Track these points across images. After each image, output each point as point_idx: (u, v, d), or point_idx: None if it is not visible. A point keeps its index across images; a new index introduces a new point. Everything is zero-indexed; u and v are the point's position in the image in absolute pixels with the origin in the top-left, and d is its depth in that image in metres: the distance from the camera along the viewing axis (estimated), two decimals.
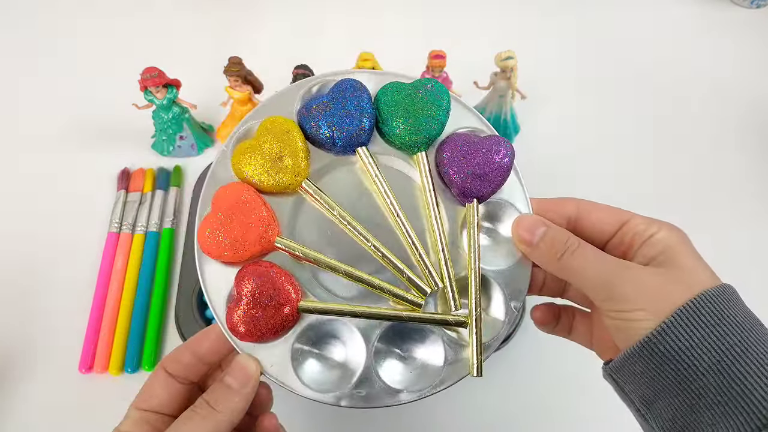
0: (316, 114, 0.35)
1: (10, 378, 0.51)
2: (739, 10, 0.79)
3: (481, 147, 0.35)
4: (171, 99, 0.58)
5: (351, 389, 0.33)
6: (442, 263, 0.34)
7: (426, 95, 0.35)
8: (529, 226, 0.33)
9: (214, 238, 0.33)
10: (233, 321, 0.32)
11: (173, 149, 0.63)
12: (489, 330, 0.34)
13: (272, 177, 0.34)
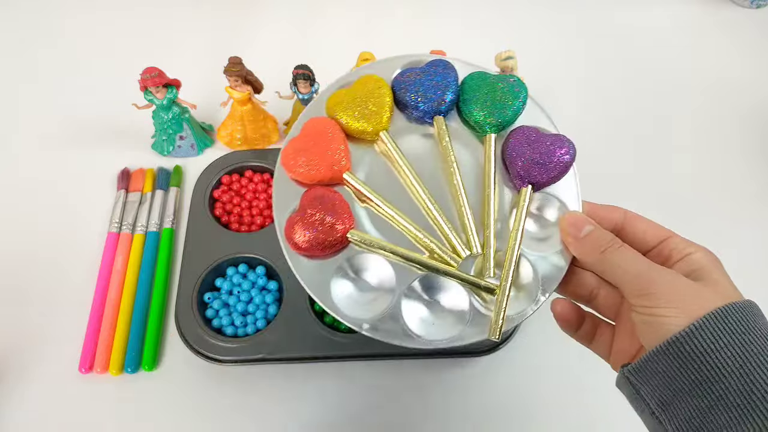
0: (408, 80, 0.40)
1: (10, 378, 0.51)
2: (740, 10, 0.79)
3: (547, 140, 0.38)
4: (171, 99, 0.58)
5: (374, 320, 0.35)
6: (486, 234, 0.37)
7: (506, 87, 0.40)
8: (576, 222, 0.36)
9: (294, 155, 0.38)
10: (291, 227, 0.36)
11: (173, 149, 0.63)
12: (515, 304, 0.36)
13: (357, 121, 0.38)
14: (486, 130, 0.39)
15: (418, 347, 0.35)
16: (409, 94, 0.39)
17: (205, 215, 0.57)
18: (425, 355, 0.51)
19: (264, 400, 0.51)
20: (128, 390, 0.51)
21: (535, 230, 0.38)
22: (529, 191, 0.38)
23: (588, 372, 0.53)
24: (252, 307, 0.53)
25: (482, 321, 0.36)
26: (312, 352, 0.50)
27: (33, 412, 0.50)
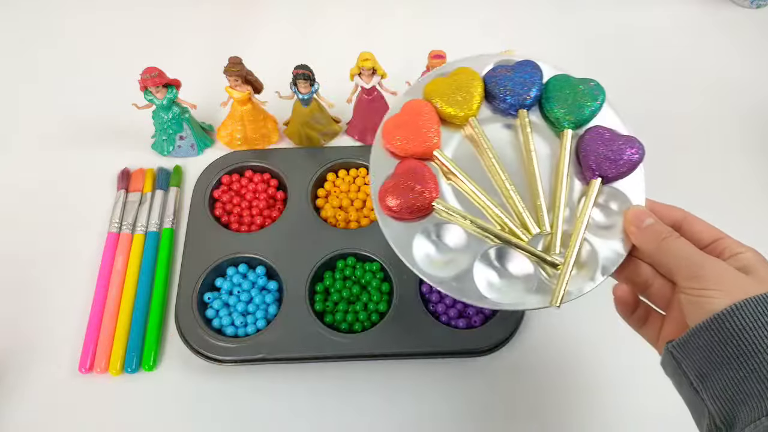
0: (499, 74, 0.45)
1: (10, 377, 0.51)
2: (740, 10, 0.79)
3: (619, 139, 0.42)
4: (171, 99, 0.58)
5: (449, 279, 0.39)
6: (556, 216, 0.41)
7: (587, 89, 0.44)
8: (640, 214, 0.40)
9: (393, 129, 0.42)
10: (385, 190, 0.41)
11: (173, 149, 0.63)
12: (575, 281, 0.40)
13: (450, 106, 0.43)
14: (564, 125, 0.43)
15: (484, 307, 0.41)
16: (499, 87, 0.44)
17: (205, 215, 0.57)
18: (425, 355, 0.51)
19: (264, 400, 0.51)
20: (128, 390, 0.51)
21: (600, 219, 0.42)
22: (598, 183, 0.41)
23: (587, 372, 0.53)
24: (252, 307, 0.53)
25: (544, 291, 0.40)
26: (312, 352, 0.51)
27: (33, 412, 0.50)
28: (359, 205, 0.59)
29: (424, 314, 0.52)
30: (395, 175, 0.42)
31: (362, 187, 0.60)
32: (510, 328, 0.51)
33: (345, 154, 0.62)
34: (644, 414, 0.51)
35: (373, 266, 0.55)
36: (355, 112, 0.63)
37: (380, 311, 0.53)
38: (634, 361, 0.53)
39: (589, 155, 0.42)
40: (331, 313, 0.53)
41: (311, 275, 0.54)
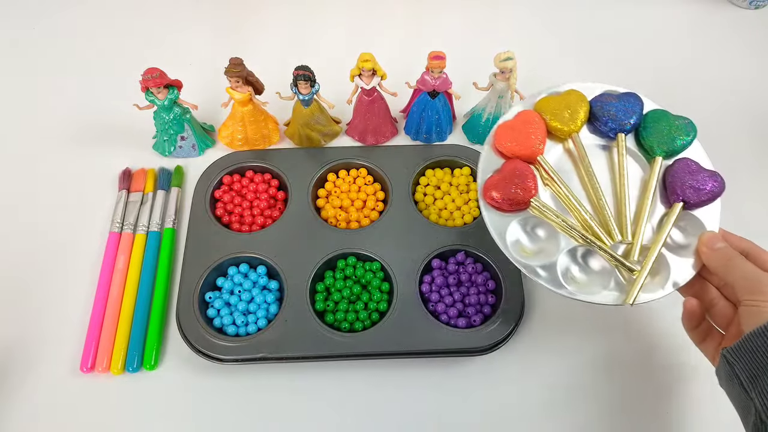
0: (605, 100, 0.52)
1: (12, 377, 0.51)
2: (738, 10, 0.80)
3: (704, 173, 0.49)
4: (172, 100, 0.59)
5: (536, 266, 0.46)
6: (639, 228, 0.47)
7: (681, 125, 0.50)
8: (714, 237, 0.46)
9: (506, 132, 0.50)
10: (491, 182, 0.48)
11: (174, 149, 0.64)
12: (648, 287, 0.46)
13: (557, 120, 0.51)
14: (656, 153, 0.50)
15: (563, 295, 0.46)
16: (604, 111, 0.51)
17: (206, 215, 0.58)
18: (425, 354, 0.51)
19: (265, 399, 0.51)
20: (130, 389, 0.51)
21: (678, 238, 0.48)
22: (680, 206, 0.48)
23: (586, 371, 0.53)
24: (253, 306, 0.53)
25: (618, 291, 0.46)
26: (312, 351, 0.51)
27: (35, 411, 0.50)
28: (359, 205, 0.59)
29: (424, 314, 0.52)
30: (502, 171, 0.49)
31: (362, 187, 0.61)
32: (510, 328, 0.52)
33: (345, 155, 0.62)
34: (645, 413, 0.51)
35: (373, 266, 0.55)
36: (355, 112, 0.63)
37: (380, 311, 0.53)
38: (634, 360, 0.53)
39: (675, 182, 0.48)
40: (331, 313, 0.53)
41: (312, 275, 0.54)
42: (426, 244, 0.56)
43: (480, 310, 0.53)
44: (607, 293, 0.46)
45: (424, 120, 0.63)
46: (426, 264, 0.55)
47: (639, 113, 0.51)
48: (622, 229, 0.47)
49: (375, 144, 0.65)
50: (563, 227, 0.48)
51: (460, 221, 0.58)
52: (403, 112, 0.67)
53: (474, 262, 0.56)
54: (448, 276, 0.55)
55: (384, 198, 0.61)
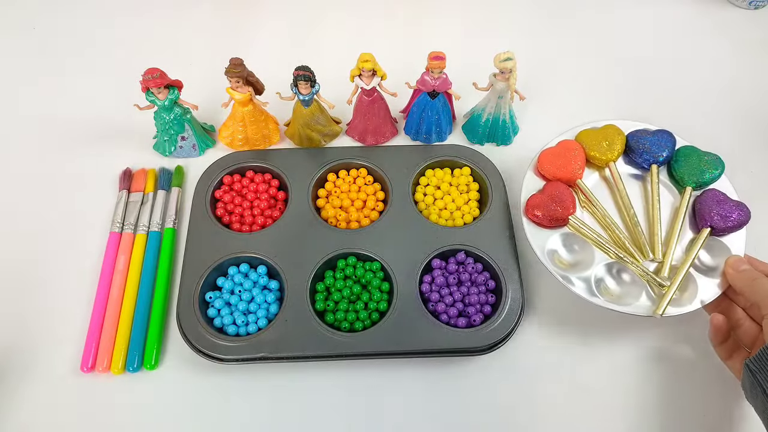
0: (640, 135, 0.58)
1: (12, 377, 0.52)
2: (738, 10, 0.80)
3: (731, 203, 0.54)
4: (173, 100, 0.59)
5: (571, 276, 0.51)
6: (669, 249, 0.53)
7: (711, 160, 0.56)
8: (739, 260, 0.51)
9: (550, 157, 0.56)
10: (533, 200, 0.54)
11: (175, 150, 0.64)
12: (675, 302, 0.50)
13: (595, 150, 0.57)
14: (687, 184, 0.55)
15: (597, 304, 0.50)
16: (640, 144, 0.57)
17: (206, 215, 0.58)
18: (426, 353, 0.51)
19: (265, 399, 0.51)
20: (130, 389, 0.51)
21: (705, 260, 0.53)
22: (708, 231, 0.53)
23: (586, 371, 0.53)
24: (253, 306, 0.54)
25: (649, 305, 0.50)
26: (313, 351, 0.51)
27: (35, 411, 0.50)
28: (360, 205, 0.60)
29: (425, 313, 0.52)
30: (544, 191, 0.54)
31: (362, 187, 0.61)
32: (510, 327, 0.52)
33: (345, 155, 0.62)
34: (645, 412, 0.51)
35: (373, 266, 0.55)
36: (356, 113, 0.64)
37: (381, 310, 0.53)
38: (634, 360, 0.53)
39: (704, 209, 0.54)
40: (331, 312, 0.53)
41: (312, 274, 0.54)
42: (426, 244, 0.56)
43: (480, 310, 0.53)
44: (638, 305, 0.50)
45: (424, 120, 0.63)
46: (426, 264, 0.55)
47: (671, 148, 0.57)
48: (654, 247, 0.53)
49: (375, 144, 0.65)
50: (598, 243, 0.53)
51: (460, 221, 0.58)
52: (403, 112, 0.67)
53: (474, 262, 0.56)
54: (448, 276, 0.55)
55: (384, 198, 0.61)
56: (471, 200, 0.60)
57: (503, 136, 0.65)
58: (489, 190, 0.59)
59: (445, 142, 0.65)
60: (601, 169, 0.58)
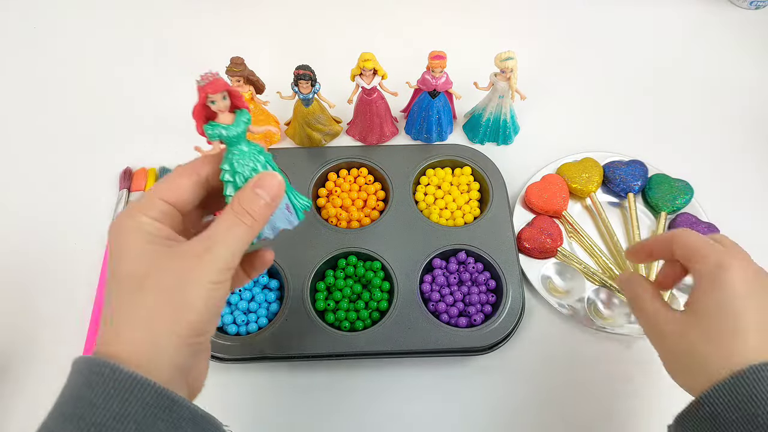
0: (615, 166, 0.62)
1: (12, 376, 0.51)
2: (738, 10, 0.80)
3: (703, 225, 0.58)
4: (246, 123, 0.34)
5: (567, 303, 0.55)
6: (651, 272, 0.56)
7: (681, 186, 0.60)
8: (620, 278, 0.45)
9: (536, 192, 0.60)
10: (523, 234, 0.57)
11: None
12: None
13: (576, 182, 0.61)
14: (661, 209, 0.59)
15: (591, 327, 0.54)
16: (616, 174, 0.61)
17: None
18: (426, 353, 0.51)
19: (265, 398, 0.51)
20: None
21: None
22: None
23: (586, 370, 0.53)
24: (254, 305, 0.53)
25: None
26: (313, 350, 0.51)
27: (35, 410, 0.50)
28: (360, 205, 0.60)
29: (425, 313, 0.52)
30: (533, 225, 0.58)
31: (363, 186, 0.61)
32: (510, 327, 0.52)
33: (346, 154, 0.62)
34: (644, 411, 0.51)
35: (374, 265, 0.55)
36: (356, 112, 0.64)
37: (381, 310, 0.53)
38: (634, 358, 0.53)
39: None
40: (332, 312, 0.53)
41: (313, 274, 0.54)
42: (427, 244, 0.56)
43: (481, 310, 0.53)
44: (629, 326, 0.53)
45: (424, 120, 0.63)
46: (427, 263, 0.55)
47: (644, 176, 0.61)
48: (636, 270, 0.56)
49: (376, 143, 0.65)
50: (586, 272, 0.56)
51: (461, 221, 0.58)
52: (404, 111, 0.67)
53: (475, 262, 0.56)
54: (449, 275, 0.55)
55: (384, 197, 0.61)
56: (472, 200, 0.60)
57: (504, 135, 0.65)
58: (490, 190, 0.59)
59: (446, 142, 0.65)
60: (582, 200, 0.62)
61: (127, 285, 0.30)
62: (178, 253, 0.30)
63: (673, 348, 0.37)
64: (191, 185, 0.33)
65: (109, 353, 0.29)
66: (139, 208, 0.31)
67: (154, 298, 0.29)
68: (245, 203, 0.32)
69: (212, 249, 0.30)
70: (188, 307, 0.29)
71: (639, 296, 0.40)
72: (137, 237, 0.30)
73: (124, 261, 0.30)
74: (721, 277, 0.35)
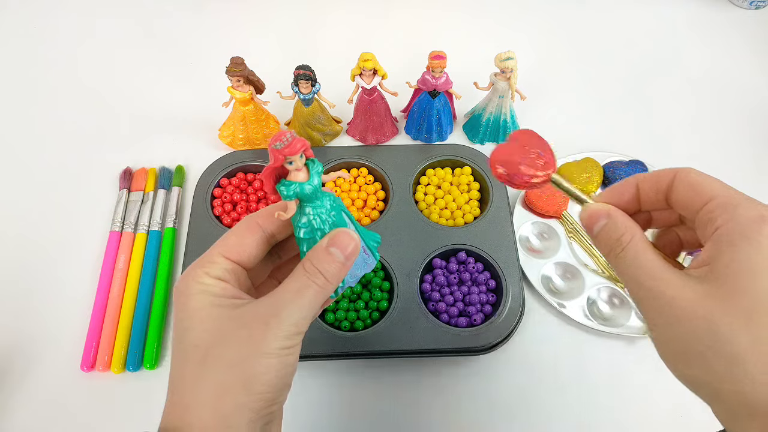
0: (615, 165, 0.62)
1: (12, 376, 0.51)
2: (738, 10, 0.80)
3: None
4: (319, 174, 0.32)
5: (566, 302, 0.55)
6: None
7: None
8: (592, 214, 0.30)
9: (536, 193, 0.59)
10: (499, 149, 0.33)
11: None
12: None
13: (577, 182, 0.60)
14: None
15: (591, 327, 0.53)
16: (615, 174, 0.61)
17: (206, 215, 0.58)
18: (427, 353, 0.51)
19: None
20: (130, 388, 0.51)
21: None
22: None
23: (587, 370, 0.53)
24: None
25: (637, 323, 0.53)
26: (313, 350, 0.51)
27: (35, 410, 0.50)
28: (360, 205, 0.59)
29: (425, 313, 0.52)
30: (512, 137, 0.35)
31: (363, 186, 0.61)
32: (511, 327, 0.51)
33: (346, 154, 0.62)
34: (645, 411, 0.51)
35: None
36: (356, 112, 0.64)
37: (381, 310, 0.53)
38: (635, 357, 0.53)
39: None
40: (332, 311, 0.53)
41: None
42: (427, 244, 0.56)
43: (481, 310, 0.53)
44: (630, 325, 0.53)
45: (424, 119, 0.63)
46: (427, 263, 0.55)
47: None
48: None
49: (376, 143, 0.65)
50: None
51: (461, 221, 0.58)
52: (404, 111, 0.67)
53: (475, 262, 0.56)
54: (449, 275, 0.55)
55: (384, 197, 0.61)
56: (472, 200, 0.60)
57: (504, 135, 0.65)
58: (490, 190, 0.59)
59: (446, 142, 0.65)
60: None
61: (193, 356, 0.28)
62: (244, 318, 0.29)
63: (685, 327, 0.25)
64: (256, 242, 0.32)
65: (177, 429, 0.28)
66: (203, 268, 0.30)
67: (221, 372, 0.28)
68: (318, 263, 0.30)
69: (280, 314, 0.28)
70: (258, 380, 0.28)
71: (623, 243, 0.28)
72: (202, 300, 0.29)
73: (189, 330, 0.29)
74: (764, 233, 0.24)
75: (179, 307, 0.30)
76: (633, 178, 0.30)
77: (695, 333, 0.25)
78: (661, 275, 0.26)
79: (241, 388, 0.28)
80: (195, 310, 0.29)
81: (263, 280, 0.35)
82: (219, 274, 0.30)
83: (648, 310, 0.27)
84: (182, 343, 0.29)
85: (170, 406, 0.29)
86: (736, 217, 0.25)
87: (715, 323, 0.24)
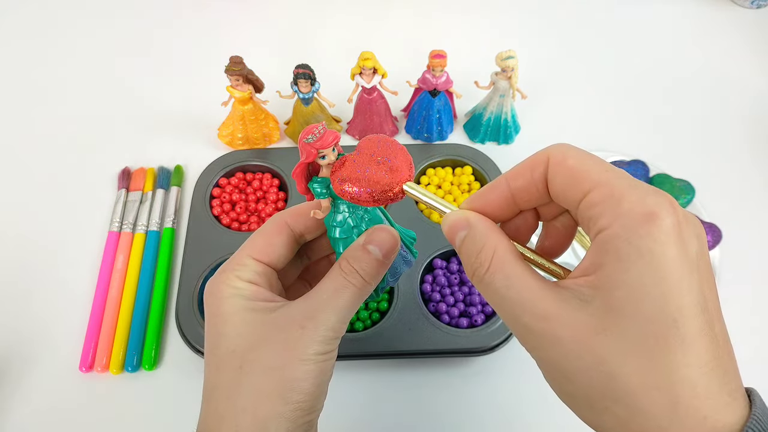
0: (618, 165, 0.56)
1: (10, 377, 0.51)
2: (739, 10, 0.80)
3: (705, 224, 0.55)
4: None
5: None
6: None
7: (682, 186, 0.59)
8: (452, 225, 0.26)
9: None
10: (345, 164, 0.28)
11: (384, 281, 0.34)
12: None
13: None
14: None
15: None
16: None
17: (205, 215, 0.57)
18: (427, 354, 0.51)
19: None
20: (129, 389, 0.51)
21: None
22: None
23: None
24: None
25: None
26: None
27: (34, 411, 0.50)
28: None
29: (426, 313, 0.52)
30: (359, 149, 0.30)
31: None
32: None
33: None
34: None
35: None
36: (356, 111, 0.63)
37: (381, 310, 0.53)
38: None
39: None
40: None
41: None
42: (427, 244, 0.56)
43: (482, 310, 0.53)
44: None
45: (425, 119, 0.62)
46: (427, 263, 0.55)
47: (646, 176, 0.60)
48: None
49: None
50: None
51: None
52: (404, 111, 0.67)
53: None
54: (449, 276, 0.55)
55: None
56: None
57: (505, 135, 0.65)
58: None
59: (447, 141, 0.65)
60: None
61: (228, 363, 0.28)
62: (279, 322, 0.28)
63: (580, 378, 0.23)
64: (284, 242, 0.30)
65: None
66: (233, 271, 0.29)
67: (258, 380, 0.27)
68: (355, 262, 0.28)
69: (316, 317, 0.27)
70: (296, 387, 0.27)
71: (483, 263, 0.23)
72: (235, 304, 0.28)
73: (224, 335, 0.28)
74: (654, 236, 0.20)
75: (212, 311, 0.29)
76: (502, 176, 0.25)
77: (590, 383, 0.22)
78: (541, 307, 0.22)
79: (278, 396, 0.27)
80: (229, 314, 0.28)
81: (292, 282, 0.34)
82: (250, 277, 0.29)
83: (532, 350, 0.24)
84: (218, 349, 0.28)
85: (206, 415, 0.28)
86: (621, 215, 0.21)
87: (607, 363, 0.21)
